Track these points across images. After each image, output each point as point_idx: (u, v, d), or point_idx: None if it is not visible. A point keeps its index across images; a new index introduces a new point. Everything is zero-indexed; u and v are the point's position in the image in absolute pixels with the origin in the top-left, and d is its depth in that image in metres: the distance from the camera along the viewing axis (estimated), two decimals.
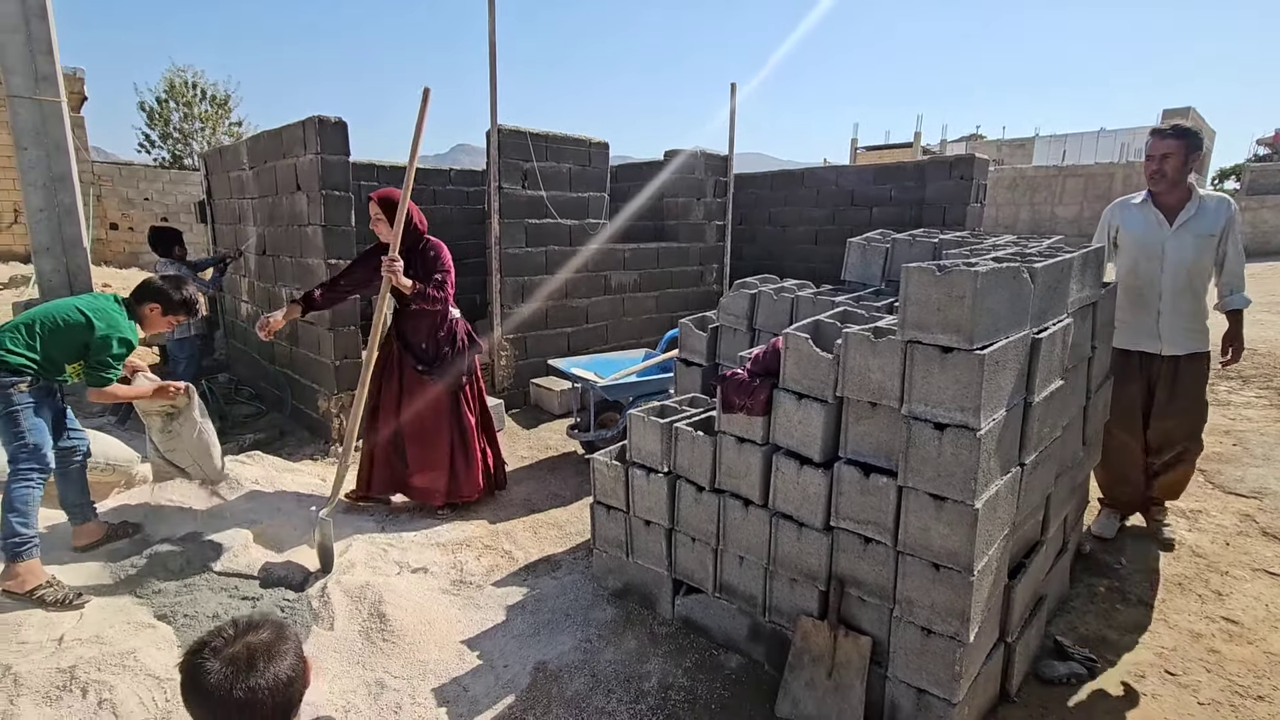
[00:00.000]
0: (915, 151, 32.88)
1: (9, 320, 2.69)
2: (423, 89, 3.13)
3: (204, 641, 1.11)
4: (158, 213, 15.16)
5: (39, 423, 2.58)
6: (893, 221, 7.21)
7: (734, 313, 3.36)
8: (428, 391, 3.51)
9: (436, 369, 3.49)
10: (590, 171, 5.75)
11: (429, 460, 3.57)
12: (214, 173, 6.23)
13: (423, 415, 3.53)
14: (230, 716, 1.05)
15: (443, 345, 3.51)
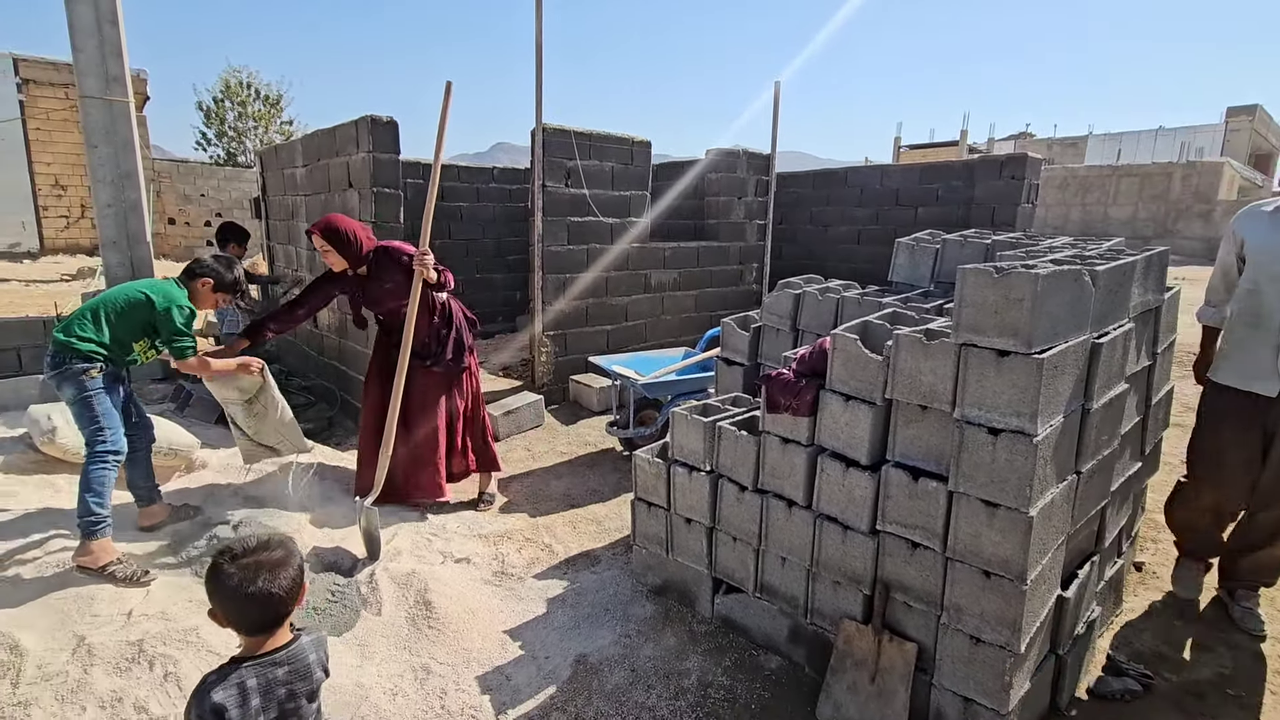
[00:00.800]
0: (961, 150, 32.08)
1: (76, 309, 2.83)
2: (445, 83, 3.15)
3: (229, 548, 1.36)
4: (213, 208, 15.75)
5: (112, 408, 2.71)
6: (939, 222, 7.07)
7: (777, 312, 3.34)
8: (422, 380, 3.41)
9: (440, 357, 3.42)
10: (632, 170, 5.77)
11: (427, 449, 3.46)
12: (269, 170, 6.44)
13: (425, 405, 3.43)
14: (234, 611, 1.31)
15: (440, 330, 3.43)
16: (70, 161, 13.62)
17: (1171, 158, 22.33)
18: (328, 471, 3.77)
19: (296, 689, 1.36)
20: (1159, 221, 19.05)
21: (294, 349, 6.29)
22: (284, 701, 1.34)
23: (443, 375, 3.47)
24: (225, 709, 1.25)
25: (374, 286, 3.31)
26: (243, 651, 1.35)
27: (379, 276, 3.28)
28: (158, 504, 3.03)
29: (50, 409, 3.19)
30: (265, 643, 1.35)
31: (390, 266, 3.26)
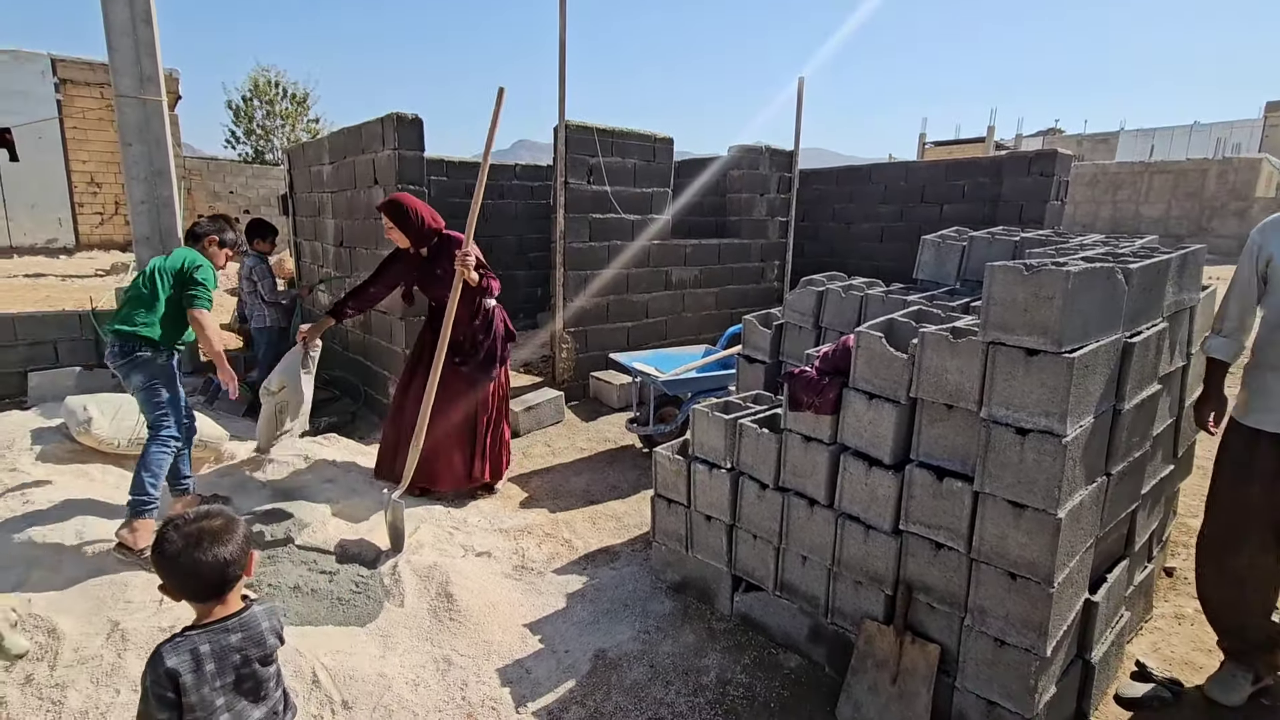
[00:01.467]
0: (988, 147, 31.51)
1: (124, 301, 2.91)
2: (498, 88, 3.27)
3: (171, 519, 1.40)
4: (241, 205, 16.04)
5: (177, 395, 2.86)
6: (965, 219, 6.96)
7: (800, 310, 3.32)
8: (456, 382, 3.49)
9: (471, 359, 3.50)
10: (654, 167, 5.76)
11: (450, 448, 3.55)
12: (296, 167, 6.54)
13: (454, 405, 3.52)
14: (179, 578, 1.36)
15: (478, 334, 3.52)
16: (105, 159, 13.94)
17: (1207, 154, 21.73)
18: (353, 465, 3.83)
19: (250, 654, 1.39)
20: (1193, 220, 18.57)
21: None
22: (239, 666, 1.37)
23: (470, 377, 3.53)
24: (179, 674, 1.28)
25: (428, 270, 3.42)
26: (195, 620, 1.39)
27: (435, 260, 3.39)
28: (190, 495, 3.11)
29: (86, 400, 3.28)
30: (214, 610, 1.38)
31: (447, 255, 3.33)
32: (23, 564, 2.42)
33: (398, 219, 3.32)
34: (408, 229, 3.34)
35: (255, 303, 4.93)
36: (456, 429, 3.55)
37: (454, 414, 3.54)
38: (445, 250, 3.39)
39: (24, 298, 7.25)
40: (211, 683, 1.33)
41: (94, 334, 5.93)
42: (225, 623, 1.38)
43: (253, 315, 4.94)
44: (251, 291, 4.92)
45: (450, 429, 3.52)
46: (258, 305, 4.92)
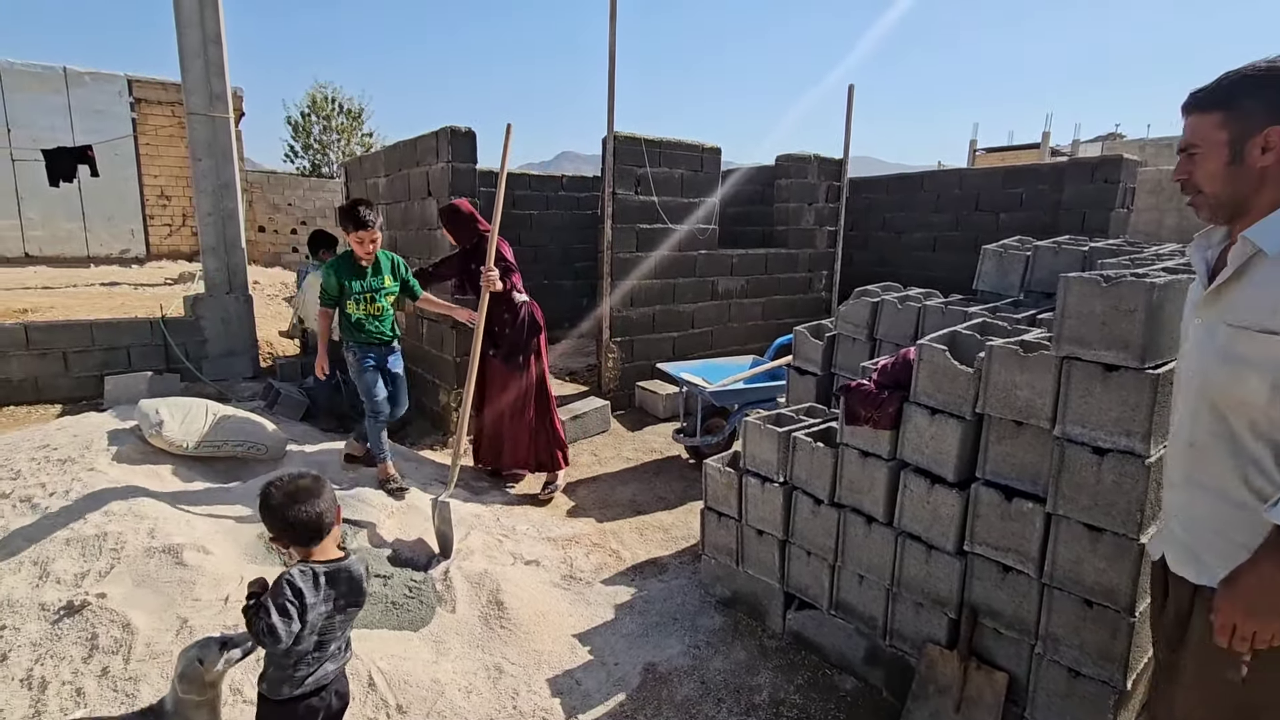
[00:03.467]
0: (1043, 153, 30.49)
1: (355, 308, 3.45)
2: (506, 125, 3.60)
3: (271, 480, 1.67)
4: (298, 217, 16.66)
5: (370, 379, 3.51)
6: (1023, 228, 6.74)
7: (854, 321, 3.25)
8: (497, 370, 3.84)
9: (499, 349, 3.79)
10: (701, 177, 5.75)
11: (498, 434, 3.96)
12: (353, 179, 6.75)
13: (494, 393, 3.88)
14: (283, 526, 1.61)
15: (505, 326, 3.77)
16: (174, 173, 14.67)
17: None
18: (406, 469, 3.90)
19: (348, 597, 1.65)
20: None
21: None
22: (338, 598, 1.63)
23: (502, 366, 3.80)
24: (300, 587, 1.56)
25: (468, 264, 3.80)
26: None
27: (473, 256, 3.76)
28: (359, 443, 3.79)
29: (158, 404, 3.43)
30: (314, 554, 1.63)
31: (480, 254, 3.69)
32: (101, 559, 2.53)
33: (446, 221, 3.84)
34: (453, 231, 3.83)
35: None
36: (503, 414, 3.89)
37: (499, 400, 3.86)
38: (480, 250, 3.72)
39: (101, 305, 7.66)
40: (325, 603, 1.60)
41: (163, 339, 6.23)
42: (332, 563, 1.63)
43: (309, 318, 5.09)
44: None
45: (498, 414, 3.89)
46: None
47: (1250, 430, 1.19)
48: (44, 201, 13.03)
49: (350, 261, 3.43)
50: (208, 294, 6.40)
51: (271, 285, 10.31)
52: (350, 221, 3.31)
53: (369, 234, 3.35)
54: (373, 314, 3.48)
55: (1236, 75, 1.22)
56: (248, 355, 6.57)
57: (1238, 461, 1.20)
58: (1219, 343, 1.22)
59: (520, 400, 3.83)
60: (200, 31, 6.14)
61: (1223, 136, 1.22)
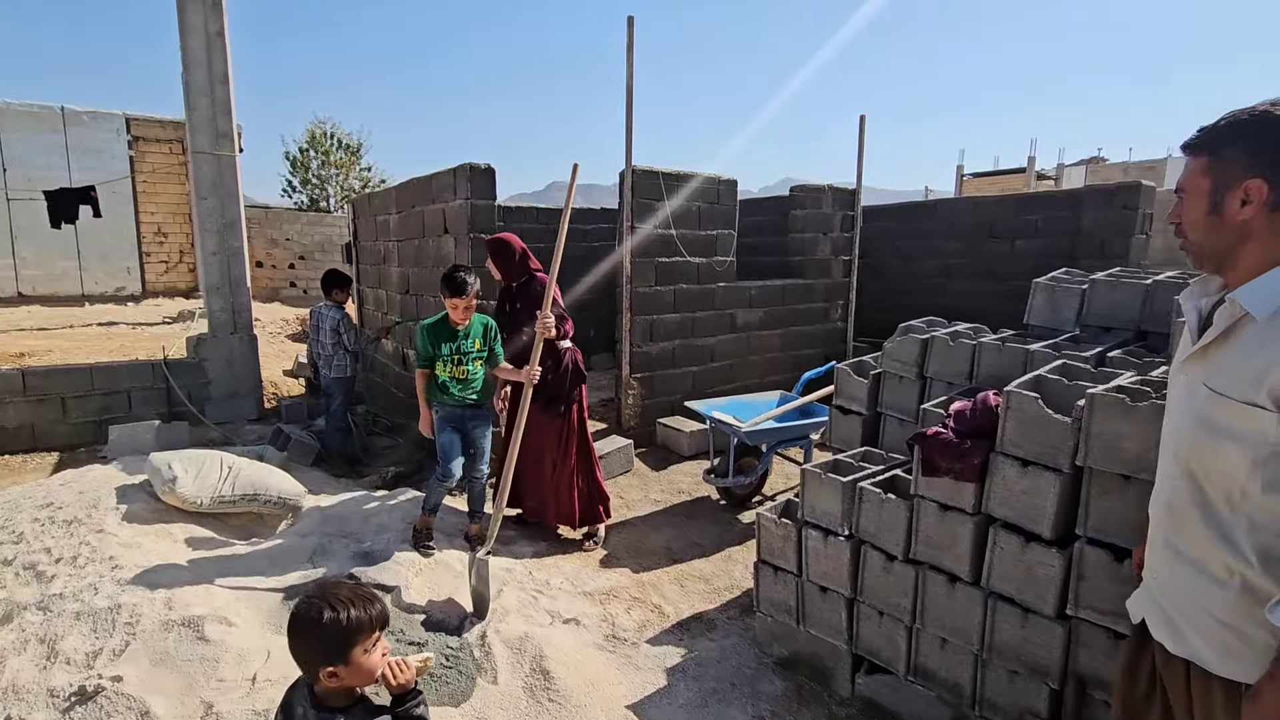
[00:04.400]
0: (1029, 177, 30.98)
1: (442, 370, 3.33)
2: (573, 165, 3.50)
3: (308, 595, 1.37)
4: (296, 251, 16.56)
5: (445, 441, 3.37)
6: (1040, 255, 6.70)
7: (901, 359, 3.13)
8: (536, 418, 3.60)
9: (544, 396, 3.58)
10: (719, 208, 5.67)
11: (539, 484, 3.71)
12: (361, 216, 6.65)
13: (534, 440, 3.62)
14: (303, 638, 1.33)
15: (547, 372, 3.57)
16: (171, 210, 14.57)
17: None
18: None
19: None
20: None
21: (380, 390, 6.38)
22: None
23: (543, 414, 3.59)
24: None
25: (510, 301, 3.70)
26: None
27: (517, 295, 3.66)
28: (477, 525, 3.53)
29: (171, 458, 3.25)
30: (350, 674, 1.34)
31: (526, 295, 3.60)
32: (114, 636, 2.33)
33: (493, 254, 3.65)
34: (500, 266, 3.65)
35: (340, 353, 4.92)
36: (543, 464, 3.67)
37: (539, 449, 3.65)
38: (527, 290, 3.63)
39: (100, 346, 7.47)
40: None
41: (165, 382, 6.04)
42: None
43: (333, 365, 4.92)
44: (336, 343, 4.91)
45: (537, 464, 3.67)
46: (340, 355, 4.92)
47: (1226, 502, 1.09)
48: (39, 240, 12.89)
49: (443, 324, 3.33)
50: (211, 334, 6.24)
51: (272, 322, 10.15)
52: (446, 287, 3.22)
53: (464, 300, 3.22)
54: (457, 377, 3.33)
55: (1227, 119, 1.13)
56: (252, 397, 6.39)
57: (1214, 534, 1.11)
58: (1197, 406, 1.13)
59: (561, 450, 3.64)
60: (207, 71, 6.07)
61: (1205, 184, 1.14)
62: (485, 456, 3.49)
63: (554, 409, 3.59)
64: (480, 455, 3.46)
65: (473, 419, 3.42)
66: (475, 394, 3.39)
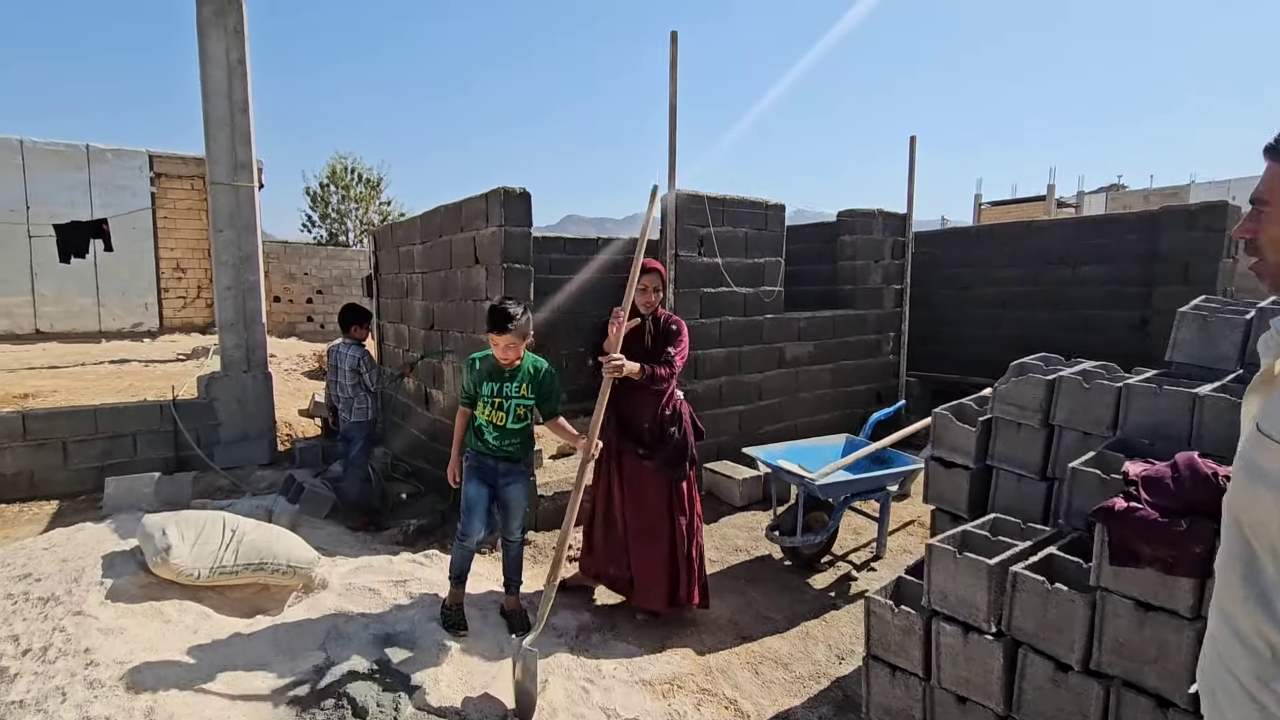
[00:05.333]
0: (1049, 205, 30.57)
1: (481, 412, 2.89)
2: (653, 186, 3.12)
3: None
4: (314, 286, 16.40)
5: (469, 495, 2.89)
6: (1109, 281, 6.21)
7: (1019, 403, 2.65)
8: (648, 479, 3.12)
9: (659, 453, 3.07)
10: (766, 235, 5.27)
11: (650, 559, 3.13)
12: (382, 248, 6.32)
13: (644, 506, 3.14)
14: None
15: (667, 426, 3.10)
16: (191, 246, 14.49)
17: None
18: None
19: None
20: None
21: (401, 431, 5.96)
22: None
23: (660, 474, 3.08)
24: None
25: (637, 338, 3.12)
26: None
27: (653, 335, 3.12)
28: (514, 597, 3.05)
29: (166, 521, 2.81)
30: None
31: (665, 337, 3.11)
32: None
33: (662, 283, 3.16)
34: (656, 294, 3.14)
35: (360, 395, 4.49)
36: (640, 534, 3.12)
37: (654, 524, 3.10)
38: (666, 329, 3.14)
39: (108, 386, 7.14)
40: None
41: (173, 424, 5.67)
42: None
43: (353, 408, 4.48)
44: (356, 384, 4.48)
45: (654, 541, 3.10)
46: (361, 397, 4.49)
47: (1271, 557, 0.91)
48: (58, 277, 12.77)
49: (491, 363, 2.88)
50: (223, 372, 5.87)
51: (288, 358, 9.82)
52: (490, 321, 2.79)
53: (507, 337, 2.75)
54: (495, 422, 2.86)
55: None
56: (265, 439, 5.99)
57: (1250, 592, 0.94)
58: (1245, 446, 0.96)
59: (667, 520, 3.09)
60: (227, 100, 5.83)
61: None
62: (520, 517, 3.00)
63: (677, 469, 3.07)
64: (513, 514, 2.98)
65: (506, 474, 2.94)
66: (513, 445, 2.92)
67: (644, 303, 3.11)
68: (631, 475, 3.15)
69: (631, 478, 3.15)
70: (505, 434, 2.87)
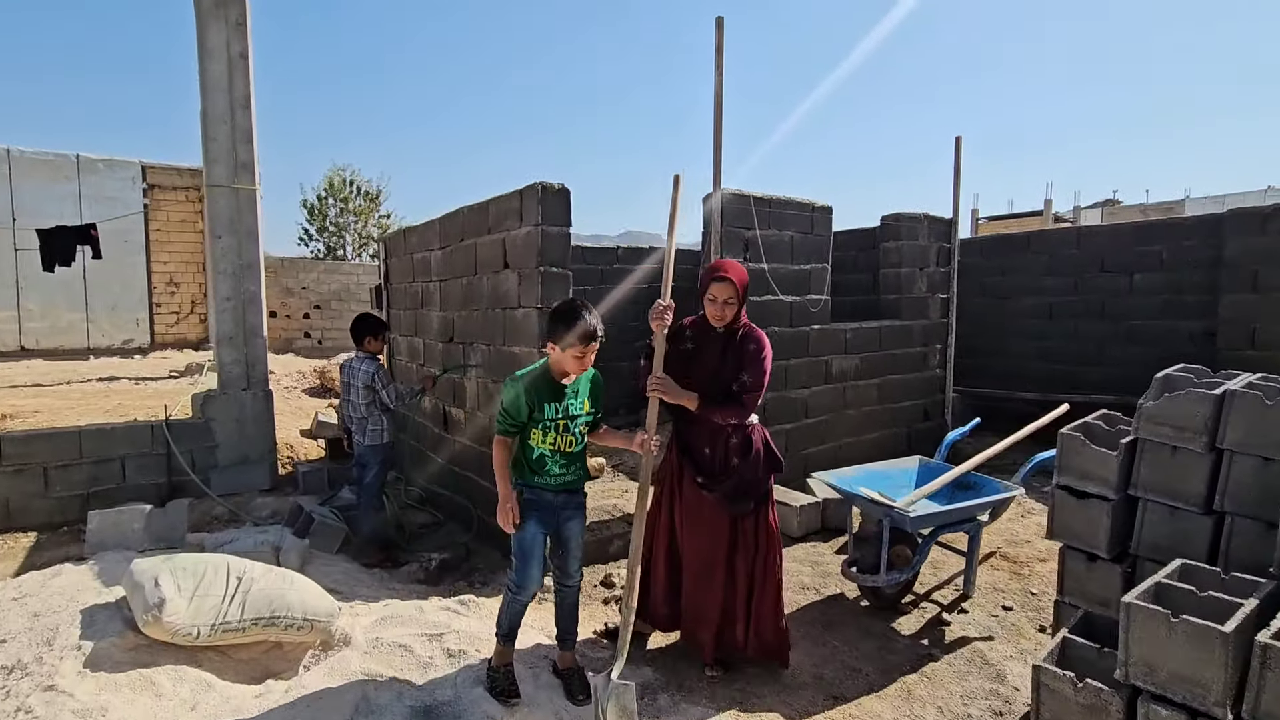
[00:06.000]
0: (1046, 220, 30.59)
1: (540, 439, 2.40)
2: (675, 176, 2.66)
3: None
4: (312, 300, 15.94)
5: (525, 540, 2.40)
6: (1166, 289, 5.87)
7: (1175, 423, 2.25)
8: (707, 511, 2.69)
9: (720, 483, 2.64)
10: (812, 239, 4.89)
11: (700, 599, 2.73)
12: (394, 255, 5.91)
13: (700, 541, 2.72)
14: None
15: (732, 455, 2.67)
16: (184, 259, 14.04)
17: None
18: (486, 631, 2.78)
19: None
20: None
21: (415, 454, 5.50)
22: None
23: (720, 507, 2.65)
24: None
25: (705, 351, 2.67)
26: None
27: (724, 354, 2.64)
28: (570, 652, 2.61)
29: (159, 568, 2.35)
30: None
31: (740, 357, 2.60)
32: None
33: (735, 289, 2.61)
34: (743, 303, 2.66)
35: (375, 415, 4.02)
36: (716, 579, 2.68)
37: (711, 559, 2.69)
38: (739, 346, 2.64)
39: (95, 406, 6.66)
40: None
41: (166, 447, 5.19)
42: None
43: (366, 430, 4.01)
44: (371, 402, 4.01)
45: (710, 579, 2.69)
46: (376, 417, 4.02)
47: None
48: (44, 291, 12.30)
49: (547, 378, 2.40)
50: (221, 390, 5.41)
51: (287, 375, 9.34)
52: (567, 326, 2.27)
53: (590, 349, 2.31)
54: (563, 450, 2.40)
55: None
56: (265, 463, 5.51)
57: None
58: None
59: (744, 562, 2.67)
60: (228, 96, 5.43)
61: None
62: (580, 557, 2.56)
63: (740, 503, 2.63)
64: (572, 555, 2.52)
65: (566, 506, 2.49)
66: (577, 473, 2.48)
67: (714, 316, 2.66)
68: (690, 504, 2.73)
69: (690, 507, 2.73)
70: (573, 462, 2.43)
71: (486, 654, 2.57)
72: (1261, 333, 5.17)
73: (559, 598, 2.58)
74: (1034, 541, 4.03)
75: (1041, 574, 3.60)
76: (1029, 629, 3.11)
